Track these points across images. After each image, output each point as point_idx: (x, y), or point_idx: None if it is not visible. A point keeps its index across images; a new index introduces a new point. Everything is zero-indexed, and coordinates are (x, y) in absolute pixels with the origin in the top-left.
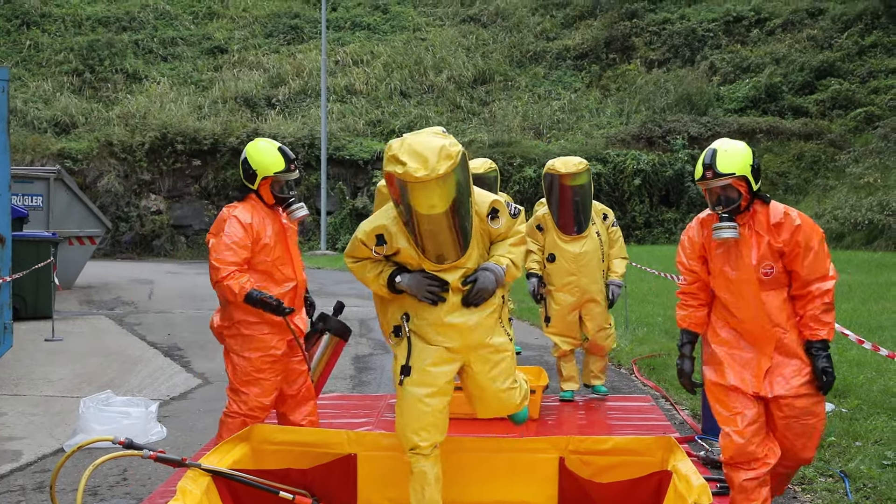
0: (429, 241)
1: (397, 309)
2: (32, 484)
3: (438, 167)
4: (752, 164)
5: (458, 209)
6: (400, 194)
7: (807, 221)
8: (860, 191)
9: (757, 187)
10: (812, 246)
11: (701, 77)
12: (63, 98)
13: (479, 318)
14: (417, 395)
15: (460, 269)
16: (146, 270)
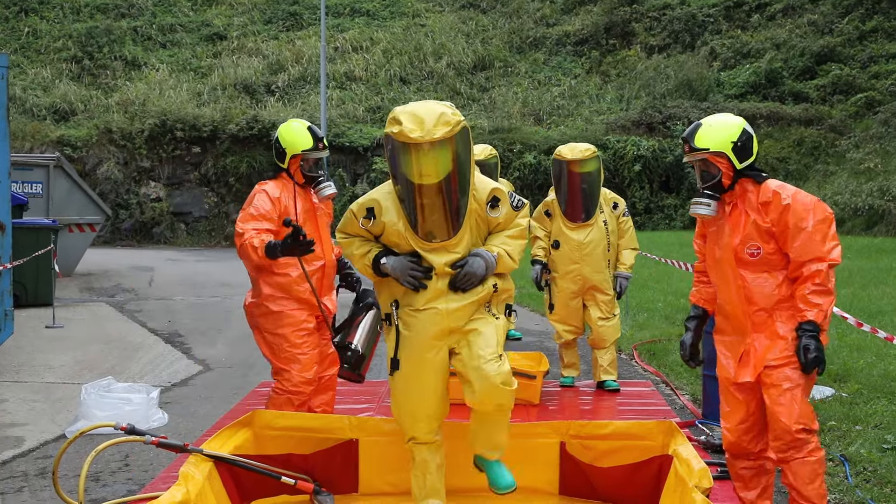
0: (419, 214)
1: (387, 296)
2: (35, 470)
3: (435, 131)
4: (735, 141)
5: (454, 184)
6: (394, 162)
7: (801, 201)
8: (860, 176)
9: (743, 165)
10: (803, 226)
11: (701, 62)
12: (62, 85)
13: (460, 304)
14: (408, 387)
15: (449, 252)
16: (146, 257)
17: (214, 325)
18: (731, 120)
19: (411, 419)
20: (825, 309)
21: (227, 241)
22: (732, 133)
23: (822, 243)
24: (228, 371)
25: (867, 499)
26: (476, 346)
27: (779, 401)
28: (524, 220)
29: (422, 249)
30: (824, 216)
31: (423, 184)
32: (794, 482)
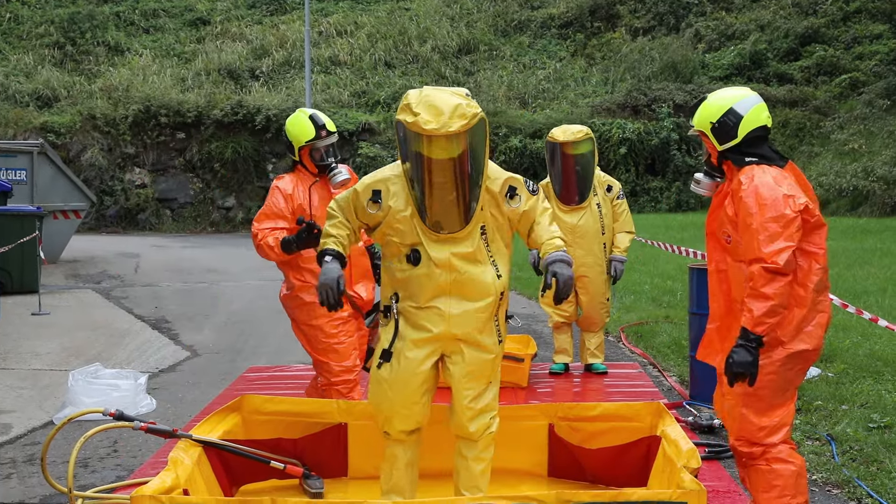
0: (429, 198)
1: (388, 288)
2: (23, 457)
3: (451, 124)
4: (713, 122)
5: (466, 173)
6: (406, 145)
7: (755, 195)
8: (845, 157)
9: (724, 147)
10: (749, 223)
11: (686, 45)
12: (45, 71)
13: (467, 308)
14: (393, 384)
15: (456, 245)
16: (132, 244)
17: (201, 311)
18: (725, 96)
19: (388, 415)
20: (756, 315)
21: (213, 228)
22: (713, 112)
23: (764, 243)
24: (216, 356)
25: (854, 477)
26: (464, 388)
27: (726, 415)
28: (547, 203)
29: (428, 239)
30: (777, 214)
31: (436, 165)
32: (749, 486)
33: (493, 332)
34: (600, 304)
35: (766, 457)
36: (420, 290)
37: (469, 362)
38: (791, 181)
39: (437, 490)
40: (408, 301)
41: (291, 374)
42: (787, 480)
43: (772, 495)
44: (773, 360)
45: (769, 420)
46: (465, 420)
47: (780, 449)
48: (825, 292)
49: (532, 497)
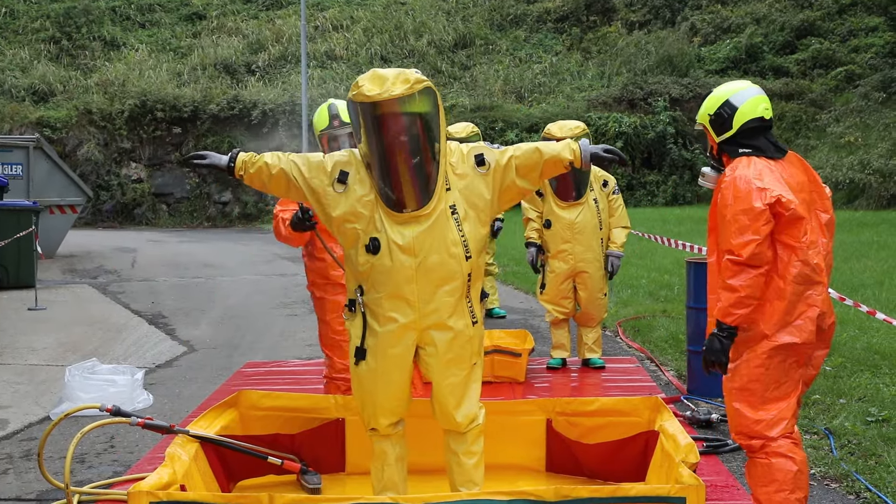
0: (388, 179)
1: (352, 281)
2: (20, 452)
3: (393, 88)
4: (711, 114)
5: (420, 145)
6: (358, 126)
7: (732, 186)
8: (841, 150)
9: (720, 139)
10: (724, 213)
11: (682, 38)
12: (40, 66)
13: (434, 293)
14: (374, 379)
15: (420, 225)
16: (128, 239)
17: (198, 306)
18: (723, 89)
19: (373, 411)
20: (725, 305)
21: (209, 222)
22: (711, 105)
23: (734, 235)
24: (213, 352)
25: (852, 471)
26: (444, 378)
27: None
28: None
29: (392, 222)
30: (747, 206)
31: (389, 145)
32: (748, 479)
33: (465, 314)
34: (598, 300)
35: (765, 450)
36: (384, 280)
37: (445, 350)
38: (778, 174)
39: (427, 485)
40: (373, 293)
41: (288, 369)
42: (785, 475)
43: (770, 489)
44: (757, 353)
45: (765, 413)
46: (450, 409)
47: (781, 443)
48: (815, 286)
49: (530, 492)
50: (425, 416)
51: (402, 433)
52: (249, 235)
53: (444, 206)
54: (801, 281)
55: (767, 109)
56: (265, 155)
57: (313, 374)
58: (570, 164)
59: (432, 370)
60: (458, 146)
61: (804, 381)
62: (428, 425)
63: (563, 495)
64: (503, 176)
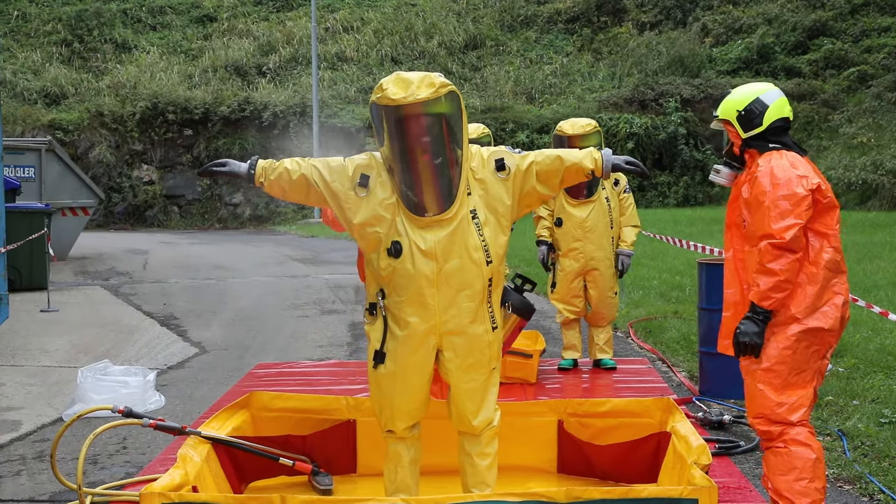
0: (410, 183)
1: (373, 285)
2: (32, 453)
3: (418, 92)
4: (740, 110)
5: (444, 143)
6: (381, 130)
7: (770, 174)
8: (853, 151)
9: (748, 135)
10: (762, 200)
11: (693, 39)
12: (52, 69)
13: (455, 298)
14: (393, 384)
15: (443, 229)
16: (140, 241)
17: (209, 308)
18: (751, 88)
19: (390, 414)
20: (763, 289)
21: (221, 224)
22: (739, 101)
23: (775, 219)
24: (224, 353)
25: (865, 473)
26: (463, 382)
27: (746, 396)
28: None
29: (413, 226)
30: (789, 192)
31: (412, 148)
32: (766, 470)
33: (486, 320)
34: (609, 299)
35: (784, 438)
36: (406, 284)
37: (465, 355)
38: (808, 166)
39: (440, 486)
40: (394, 296)
41: (300, 370)
42: (805, 463)
43: (790, 478)
44: (787, 335)
45: (787, 397)
46: (467, 414)
47: (799, 431)
48: (841, 275)
49: (542, 493)
50: (438, 416)
51: (418, 436)
52: (261, 237)
53: (466, 210)
54: (832, 268)
55: (791, 111)
56: (285, 161)
57: (325, 375)
58: (592, 173)
59: (451, 374)
60: (479, 150)
61: (820, 371)
62: (441, 426)
63: (574, 497)
64: (523, 181)
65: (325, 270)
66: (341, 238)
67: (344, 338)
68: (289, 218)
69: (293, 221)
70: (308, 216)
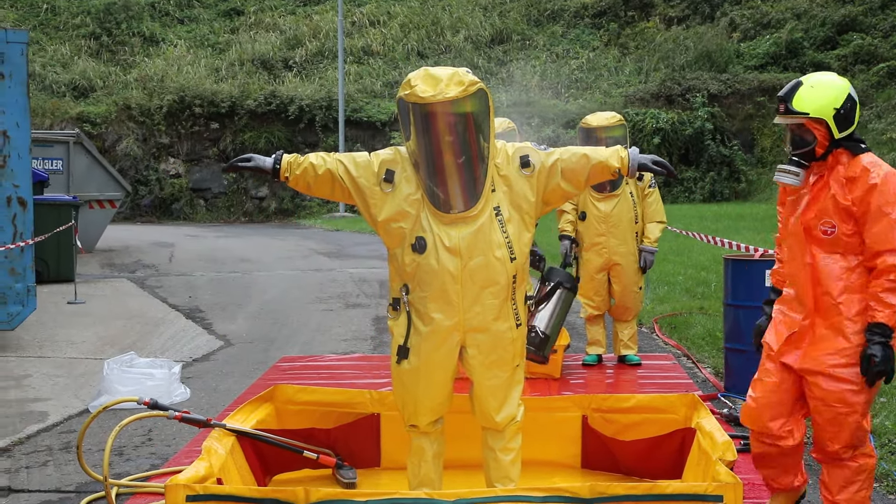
0: (436, 179)
1: (397, 280)
2: (59, 444)
3: (447, 90)
4: (838, 108)
5: (470, 147)
6: (408, 126)
7: (891, 183)
8: (882, 147)
9: (842, 135)
10: (887, 211)
11: (721, 34)
12: (81, 62)
13: (480, 295)
14: (417, 380)
15: (468, 226)
16: (166, 233)
17: (235, 301)
18: (836, 82)
19: (413, 409)
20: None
21: (246, 217)
22: (836, 98)
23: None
24: (249, 346)
25: (893, 471)
26: (486, 379)
27: (827, 423)
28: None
29: (438, 223)
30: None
31: (439, 145)
32: (826, 481)
33: (509, 317)
34: (633, 293)
35: (859, 450)
36: (430, 280)
37: (488, 352)
38: None
39: (464, 480)
40: (418, 292)
41: (325, 363)
42: (870, 473)
43: (851, 491)
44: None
45: (868, 422)
46: (490, 410)
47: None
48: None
49: (565, 489)
50: (462, 411)
51: (442, 430)
52: (286, 230)
53: (490, 207)
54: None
55: None
56: (310, 156)
57: (349, 368)
58: (617, 172)
59: (475, 371)
60: (504, 146)
61: None
62: (465, 420)
63: (598, 492)
64: (548, 179)
65: (349, 264)
66: (366, 232)
67: (368, 332)
68: (314, 212)
69: (318, 215)
70: (333, 210)
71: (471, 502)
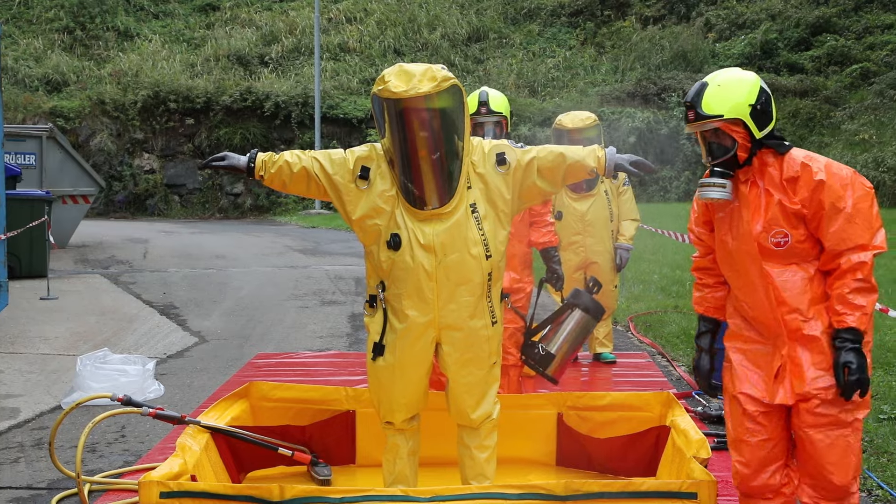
0: (410, 176)
1: (373, 277)
2: (31, 441)
3: (420, 86)
4: (753, 104)
5: (445, 137)
6: (382, 122)
7: (836, 175)
8: (855, 147)
9: (763, 133)
10: (841, 206)
11: (696, 34)
12: (54, 56)
13: (455, 292)
14: (390, 377)
15: (442, 222)
16: (140, 229)
17: (209, 297)
18: (745, 76)
19: (389, 407)
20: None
21: (221, 214)
22: (749, 93)
23: (864, 228)
24: (224, 343)
25: (864, 469)
26: (461, 377)
27: (829, 453)
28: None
29: (413, 219)
30: (864, 192)
31: (413, 141)
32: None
33: (485, 314)
34: (609, 292)
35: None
36: (405, 277)
37: (463, 350)
38: None
39: (439, 478)
40: (393, 289)
41: (300, 360)
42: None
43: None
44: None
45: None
46: (466, 408)
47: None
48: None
49: (541, 486)
50: (438, 408)
51: (417, 427)
52: (261, 227)
53: (466, 204)
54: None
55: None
56: (285, 154)
57: (324, 365)
58: (594, 172)
59: (450, 369)
60: (480, 142)
61: None
62: (441, 417)
63: (573, 490)
64: (524, 176)
65: (325, 261)
66: (342, 229)
67: (344, 329)
68: (290, 208)
69: (294, 212)
70: (309, 207)
71: (446, 499)
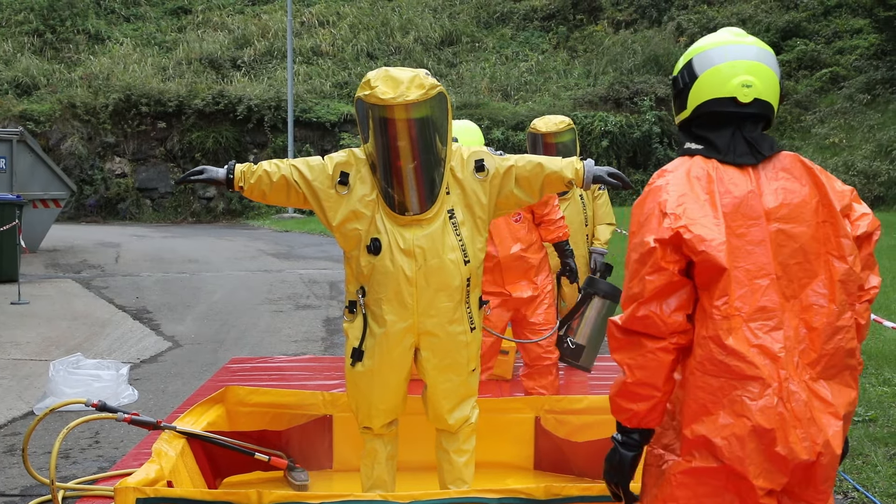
0: (392, 181)
1: (353, 283)
2: (3, 447)
3: (408, 93)
4: (673, 77)
5: (428, 145)
6: (366, 127)
7: (636, 205)
8: (825, 151)
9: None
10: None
11: (668, 38)
12: (24, 59)
13: (433, 298)
14: (371, 382)
15: (423, 229)
16: (112, 233)
17: (183, 302)
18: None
19: (367, 412)
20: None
21: (194, 218)
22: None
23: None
24: (198, 347)
25: (839, 471)
26: (440, 382)
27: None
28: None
29: (394, 225)
30: (638, 241)
31: (397, 148)
32: None
33: (464, 320)
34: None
35: None
36: (385, 282)
37: (442, 356)
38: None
39: (417, 483)
40: (373, 294)
41: (275, 365)
42: None
43: None
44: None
45: None
46: (443, 412)
47: None
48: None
49: (520, 490)
50: (416, 413)
51: (396, 432)
52: (234, 231)
53: (445, 210)
54: (715, 372)
55: (748, 87)
56: (263, 163)
57: (300, 370)
58: (571, 183)
59: (428, 374)
60: (459, 149)
61: None
62: (419, 422)
63: (553, 493)
64: (501, 184)
65: (299, 265)
66: (315, 233)
67: (319, 333)
68: (263, 212)
69: (267, 216)
70: (282, 211)
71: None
